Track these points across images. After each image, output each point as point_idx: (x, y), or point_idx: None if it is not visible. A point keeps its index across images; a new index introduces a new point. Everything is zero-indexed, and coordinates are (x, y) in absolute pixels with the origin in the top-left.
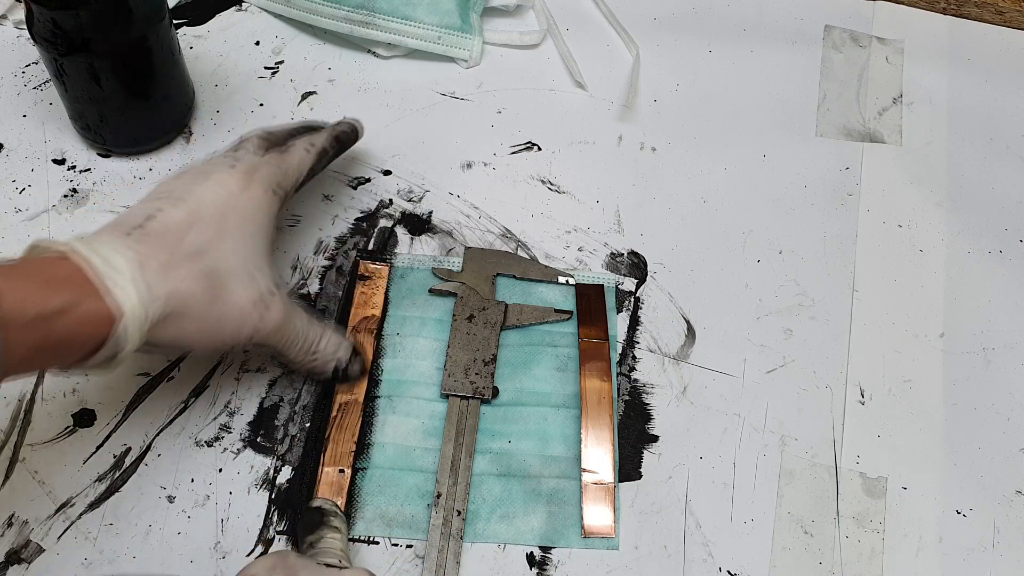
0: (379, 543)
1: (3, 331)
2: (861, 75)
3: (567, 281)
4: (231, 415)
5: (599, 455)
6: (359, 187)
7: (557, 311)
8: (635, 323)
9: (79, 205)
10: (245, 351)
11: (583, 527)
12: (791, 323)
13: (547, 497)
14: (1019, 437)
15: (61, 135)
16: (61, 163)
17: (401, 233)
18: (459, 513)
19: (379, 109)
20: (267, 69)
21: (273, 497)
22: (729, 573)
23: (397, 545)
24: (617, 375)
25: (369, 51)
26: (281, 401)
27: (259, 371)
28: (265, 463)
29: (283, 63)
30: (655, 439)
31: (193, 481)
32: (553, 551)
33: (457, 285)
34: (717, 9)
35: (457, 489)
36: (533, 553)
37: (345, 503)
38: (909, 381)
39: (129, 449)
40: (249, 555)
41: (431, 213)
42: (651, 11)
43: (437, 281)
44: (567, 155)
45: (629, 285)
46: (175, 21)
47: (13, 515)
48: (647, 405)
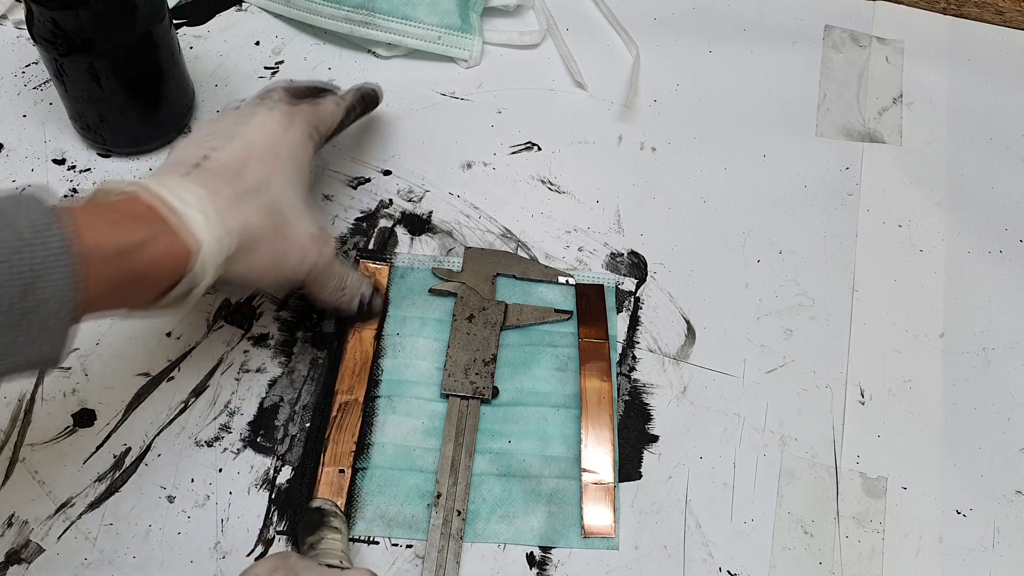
0: (379, 543)
1: (84, 266)
2: (861, 75)
3: (567, 281)
4: (231, 415)
5: (599, 455)
6: (359, 187)
7: (557, 311)
8: (635, 323)
9: None
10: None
11: (583, 527)
12: (791, 323)
13: (547, 497)
14: (1019, 437)
15: (61, 135)
16: (61, 163)
17: (401, 233)
18: (459, 513)
19: (379, 109)
20: (267, 69)
21: (273, 497)
22: (729, 573)
23: (397, 545)
24: (617, 375)
25: (369, 51)
26: (281, 401)
27: (259, 371)
28: (265, 463)
29: (283, 63)
30: (655, 439)
31: (193, 481)
32: (553, 551)
33: (457, 285)
34: (717, 9)
35: (457, 489)
36: (533, 553)
37: (345, 503)
38: (909, 381)
39: (129, 449)
40: (249, 555)
41: (431, 213)
42: (651, 11)
43: (437, 281)
44: (567, 155)
45: (629, 285)
46: (175, 21)
47: (13, 515)
48: (647, 405)
